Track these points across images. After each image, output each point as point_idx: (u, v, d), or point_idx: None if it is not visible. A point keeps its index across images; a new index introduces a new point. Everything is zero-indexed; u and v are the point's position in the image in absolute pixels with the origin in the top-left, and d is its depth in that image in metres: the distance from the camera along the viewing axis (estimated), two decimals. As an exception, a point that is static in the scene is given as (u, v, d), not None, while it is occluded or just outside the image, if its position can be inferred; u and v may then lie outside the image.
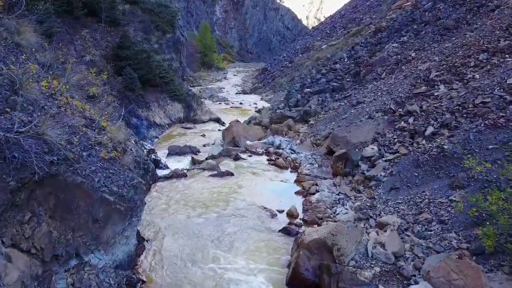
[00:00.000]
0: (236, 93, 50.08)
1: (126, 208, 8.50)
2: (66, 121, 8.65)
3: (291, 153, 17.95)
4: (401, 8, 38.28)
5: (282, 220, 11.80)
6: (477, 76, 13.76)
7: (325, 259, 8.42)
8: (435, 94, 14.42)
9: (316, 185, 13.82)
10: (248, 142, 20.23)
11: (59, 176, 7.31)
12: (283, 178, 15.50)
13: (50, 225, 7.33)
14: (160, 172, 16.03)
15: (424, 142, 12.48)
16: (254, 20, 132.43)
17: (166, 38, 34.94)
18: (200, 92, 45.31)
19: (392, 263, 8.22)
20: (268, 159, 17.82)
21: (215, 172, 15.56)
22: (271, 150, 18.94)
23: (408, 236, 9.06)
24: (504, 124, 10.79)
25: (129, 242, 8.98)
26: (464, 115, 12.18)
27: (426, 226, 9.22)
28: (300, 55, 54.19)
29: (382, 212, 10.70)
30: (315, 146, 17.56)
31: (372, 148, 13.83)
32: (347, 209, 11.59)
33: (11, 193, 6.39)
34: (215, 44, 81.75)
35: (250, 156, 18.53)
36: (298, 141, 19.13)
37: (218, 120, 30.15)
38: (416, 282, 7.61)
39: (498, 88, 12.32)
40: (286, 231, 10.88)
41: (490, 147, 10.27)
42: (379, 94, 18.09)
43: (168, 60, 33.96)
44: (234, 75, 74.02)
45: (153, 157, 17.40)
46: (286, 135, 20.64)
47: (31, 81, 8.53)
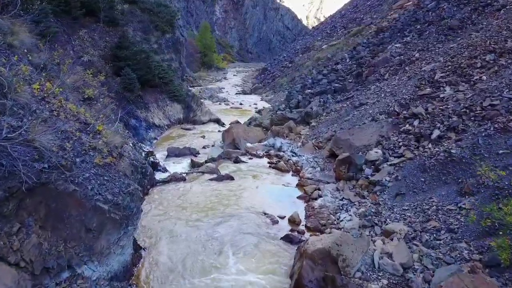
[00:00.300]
0: (236, 93, 49.73)
1: (122, 216, 8.11)
2: (59, 125, 8.28)
3: (293, 155, 17.57)
4: (402, 8, 37.89)
5: (284, 227, 11.42)
6: (484, 77, 13.38)
7: (329, 270, 8.04)
8: (441, 96, 14.03)
9: (319, 189, 13.44)
10: (249, 144, 19.85)
11: (50, 185, 6.93)
12: (284, 182, 15.12)
13: (40, 236, 6.95)
14: (159, 176, 15.67)
15: (430, 146, 12.09)
16: (254, 20, 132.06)
17: (166, 38, 34.57)
18: (200, 92, 44.97)
19: (400, 275, 7.84)
20: (269, 162, 17.44)
21: (215, 175, 15.18)
22: (272, 152, 18.56)
23: (416, 245, 8.68)
24: (514, 128, 10.41)
25: (124, 252, 8.60)
26: (472, 118, 11.79)
27: (435, 235, 8.84)
28: (301, 55, 53.85)
29: (388, 219, 10.32)
30: (317, 148, 17.18)
31: (376, 152, 13.45)
32: (351, 215, 11.21)
33: (-2, 203, 6.01)
34: (215, 44, 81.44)
35: (250, 158, 18.15)
36: (300, 143, 18.74)
37: (218, 121, 29.79)
38: (426, 296, 7.25)
39: (507, 90, 11.93)
40: (288, 238, 10.50)
41: (501, 152, 9.88)
42: (382, 95, 17.71)
43: (168, 60, 33.58)
44: (234, 75, 73.69)
45: (151, 159, 17.03)
46: (287, 137, 20.26)
47: (21, 83, 8.15)
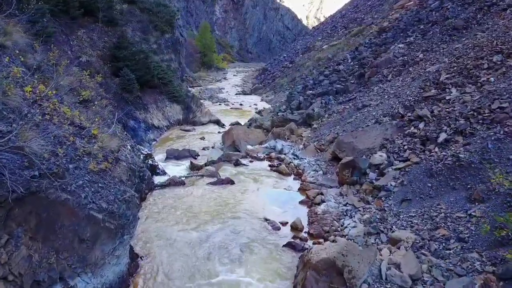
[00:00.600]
0: (236, 93, 49.39)
1: (117, 225, 7.75)
2: (51, 130, 7.92)
3: (294, 158, 17.21)
4: (403, 8, 37.51)
5: (286, 234, 11.06)
6: (491, 79, 13.01)
7: (334, 282, 7.68)
8: (447, 98, 13.67)
9: (322, 194, 13.07)
10: (249, 147, 19.49)
11: (41, 193, 6.57)
12: (286, 185, 14.75)
13: (30, 247, 6.58)
14: (157, 179, 15.31)
15: (436, 149, 11.73)
16: (254, 20, 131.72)
17: (165, 38, 34.22)
18: (199, 92, 44.63)
19: (409, 287, 7.48)
20: (270, 165, 17.07)
21: (215, 179, 14.82)
22: (273, 155, 18.20)
23: (424, 255, 8.31)
24: (525, 132, 10.05)
25: (120, 262, 8.23)
26: (480, 121, 11.42)
27: (444, 244, 8.48)
28: (301, 55, 53.49)
29: (394, 226, 9.95)
30: (319, 151, 16.81)
31: (381, 155, 13.08)
32: (355, 221, 10.84)
33: (-18, 215, 5.65)
34: (215, 44, 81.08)
35: (251, 161, 17.79)
36: (301, 145, 18.38)
37: (218, 122, 29.45)
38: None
39: (516, 92, 11.58)
40: (291, 246, 10.14)
41: (511, 157, 9.52)
42: (386, 97, 17.34)
43: (167, 60, 33.24)
44: (234, 75, 73.34)
45: (150, 162, 16.66)
46: (288, 139, 19.89)
47: (12, 86, 7.79)
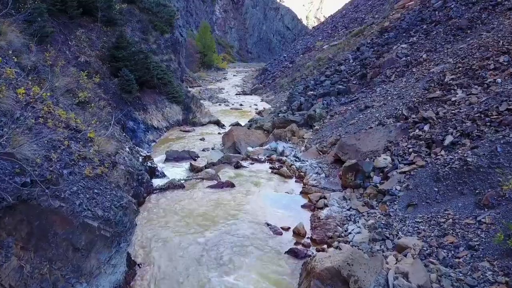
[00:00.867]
0: (236, 94, 49.11)
1: (113, 233, 7.44)
2: (45, 133, 7.61)
3: (296, 160, 16.89)
4: (404, 7, 37.22)
5: (288, 239, 10.74)
6: (499, 80, 12.70)
7: (340, 292, 7.37)
8: (452, 99, 13.36)
9: (324, 198, 12.75)
10: (250, 148, 19.18)
11: (32, 201, 6.26)
12: (287, 189, 14.44)
13: (21, 258, 6.27)
14: (157, 181, 15.01)
15: (443, 152, 11.41)
16: (254, 19, 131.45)
17: (165, 38, 33.87)
18: (199, 93, 44.34)
19: (418, 298, 7.17)
20: (271, 167, 16.76)
21: (215, 182, 14.51)
22: (274, 157, 17.88)
23: (432, 263, 8.00)
24: (535, 135, 9.74)
25: (116, 271, 7.92)
26: (488, 124, 11.11)
27: (453, 252, 8.17)
28: (301, 55, 53.19)
29: (400, 232, 9.65)
30: (321, 153, 16.49)
31: (385, 158, 12.78)
32: (359, 227, 10.53)
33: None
34: (215, 44, 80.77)
35: (251, 163, 17.48)
36: (303, 147, 18.06)
37: (218, 123, 29.17)
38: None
39: (525, 94, 11.28)
40: (293, 253, 9.82)
41: (522, 161, 9.23)
42: (389, 98, 17.03)
43: (167, 60, 32.91)
44: (234, 76, 73.04)
45: (149, 164, 16.36)
46: (289, 140, 19.58)
47: (4, 87, 7.49)
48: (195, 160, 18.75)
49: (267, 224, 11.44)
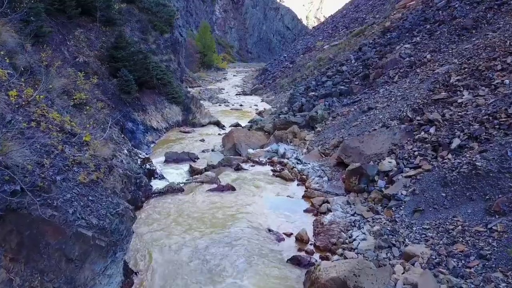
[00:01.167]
0: (236, 94, 48.80)
1: (109, 242, 7.10)
2: (38, 138, 7.27)
3: (297, 163, 16.55)
4: (405, 7, 36.92)
5: (291, 246, 10.41)
6: (506, 81, 12.37)
7: (346, 304, 7.05)
8: (459, 101, 13.03)
9: (327, 202, 12.42)
10: (250, 150, 18.85)
11: (23, 210, 5.93)
12: (289, 192, 14.10)
13: (11, 270, 5.94)
14: (156, 184, 14.66)
15: (450, 156, 11.08)
16: (254, 19, 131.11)
17: (164, 38, 33.53)
18: (199, 93, 44.04)
19: (428, 311, 6.85)
20: (272, 170, 16.42)
21: (215, 185, 14.18)
22: (275, 159, 17.55)
23: (442, 273, 7.67)
24: (546, 138, 9.41)
25: (112, 281, 7.58)
26: (496, 126, 10.78)
27: (464, 261, 7.84)
28: (302, 55, 52.85)
29: (407, 239, 9.31)
30: (323, 156, 16.15)
31: (390, 162, 12.44)
32: (364, 233, 10.19)
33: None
34: (215, 44, 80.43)
35: (252, 166, 17.15)
36: (305, 149, 17.72)
37: (218, 123, 28.84)
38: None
39: (534, 95, 10.95)
40: (296, 260, 9.48)
41: (533, 166, 8.90)
42: (393, 99, 16.69)
43: (166, 61, 32.57)
44: (234, 76, 72.71)
45: (147, 167, 16.04)
46: (291, 142, 19.24)
47: (-6, 90, 7.15)
48: (195, 161, 18.42)
49: (269, 229, 11.11)
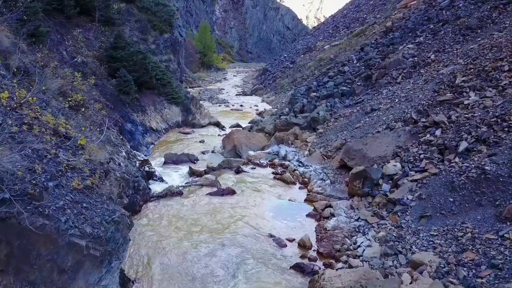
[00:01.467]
0: (236, 94, 48.51)
1: (104, 252, 6.77)
2: (30, 142, 6.95)
3: (299, 165, 16.22)
4: (407, 7, 36.58)
5: (293, 252, 10.09)
6: (514, 82, 12.06)
7: (352, 316, 6.73)
8: (465, 102, 12.71)
9: (330, 206, 12.10)
10: (251, 152, 18.51)
11: (12, 220, 5.61)
12: (291, 196, 13.78)
13: (0, 282, 5.64)
14: (154, 186, 14.33)
15: (457, 159, 10.76)
16: (254, 19, 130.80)
17: (164, 38, 33.20)
18: (199, 93, 43.75)
19: (439, 324, 6.53)
20: (273, 173, 16.10)
21: (215, 189, 13.86)
22: (277, 161, 17.23)
23: (452, 283, 7.35)
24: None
25: (108, 292, 7.26)
26: (505, 129, 10.46)
27: (474, 271, 7.52)
28: (302, 55, 52.52)
29: (414, 246, 8.99)
30: (325, 158, 15.83)
31: (394, 165, 12.12)
32: (369, 239, 9.86)
33: None
34: (215, 44, 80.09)
35: (253, 168, 16.83)
36: (306, 152, 17.39)
37: (218, 124, 28.53)
38: None
39: (544, 97, 10.63)
40: (299, 268, 9.17)
41: (545, 170, 8.58)
42: (396, 100, 16.36)
43: (166, 61, 32.25)
44: (234, 76, 72.41)
45: (146, 169, 15.70)
46: (292, 144, 18.91)
47: (-16, 92, 6.83)
48: (195, 163, 18.10)
49: (271, 235, 10.79)
